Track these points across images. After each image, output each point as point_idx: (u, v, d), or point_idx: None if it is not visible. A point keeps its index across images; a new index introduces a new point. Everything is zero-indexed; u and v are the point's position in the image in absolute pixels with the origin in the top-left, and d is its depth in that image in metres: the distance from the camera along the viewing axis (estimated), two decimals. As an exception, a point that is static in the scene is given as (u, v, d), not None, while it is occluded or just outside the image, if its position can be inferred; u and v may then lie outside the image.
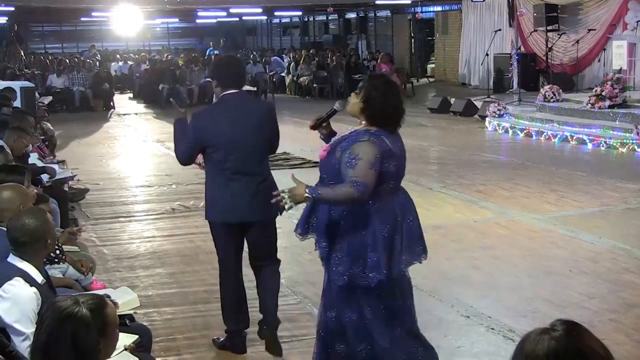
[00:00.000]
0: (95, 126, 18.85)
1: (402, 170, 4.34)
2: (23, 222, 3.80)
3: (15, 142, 7.35)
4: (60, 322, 2.59)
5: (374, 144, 4.16)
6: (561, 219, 8.67)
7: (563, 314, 5.65)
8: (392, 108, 4.30)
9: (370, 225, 4.16)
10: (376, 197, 4.16)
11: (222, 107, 5.20)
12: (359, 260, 4.15)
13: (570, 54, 19.32)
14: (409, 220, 4.29)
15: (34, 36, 38.10)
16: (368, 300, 4.27)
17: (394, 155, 4.22)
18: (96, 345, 2.61)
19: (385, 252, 4.15)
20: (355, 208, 4.17)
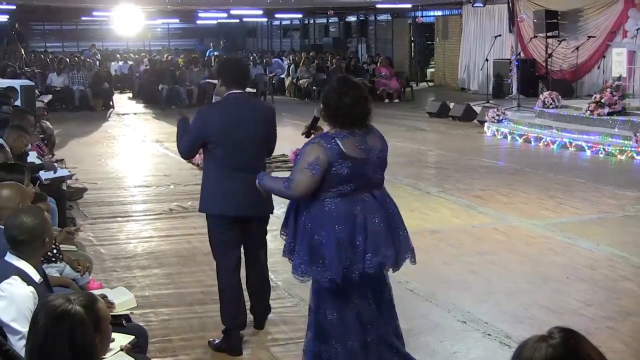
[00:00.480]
0: (94, 125, 18.85)
1: (365, 173, 4.29)
2: (21, 220, 3.80)
3: (15, 141, 7.35)
4: (56, 321, 2.59)
5: (321, 146, 4.20)
6: (559, 226, 8.67)
7: (560, 320, 5.65)
8: (348, 106, 4.26)
9: (326, 226, 4.22)
10: (334, 198, 4.24)
11: (226, 106, 5.34)
12: (318, 260, 4.22)
13: (569, 61, 19.33)
14: (375, 222, 4.29)
15: (35, 35, 38.09)
16: (336, 301, 4.34)
17: (349, 158, 4.21)
18: (92, 341, 2.61)
19: (339, 253, 4.18)
20: (315, 209, 4.25)
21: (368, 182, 4.34)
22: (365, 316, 4.40)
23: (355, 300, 4.38)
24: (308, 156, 4.21)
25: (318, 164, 4.17)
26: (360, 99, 4.32)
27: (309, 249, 4.25)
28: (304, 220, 4.30)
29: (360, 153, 4.27)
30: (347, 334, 4.37)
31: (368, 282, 4.36)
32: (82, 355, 2.59)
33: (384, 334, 4.47)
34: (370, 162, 4.32)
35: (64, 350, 2.56)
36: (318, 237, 4.23)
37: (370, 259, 4.23)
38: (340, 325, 4.37)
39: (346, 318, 4.37)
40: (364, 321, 4.40)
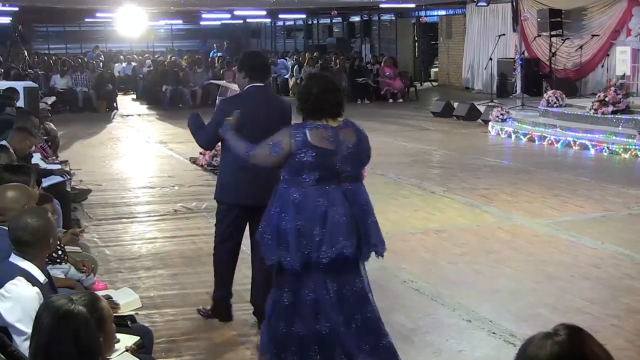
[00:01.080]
0: (98, 127, 18.87)
1: (331, 163, 4.47)
2: (26, 221, 3.80)
3: (19, 143, 7.36)
4: (60, 321, 2.59)
5: (289, 133, 4.51)
6: (564, 224, 8.66)
7: (565, 319, 5.64)
8: (315, 96, 4.53)
9: (289, 214, 4.45)
10: (298, 188, 4.47)
11: (248, 97, 5.60)
12: (283, 244, 4.47)
13: (573, 60, 19.30)
14: (336, 215, 4.44)
15: (38, 37, 38.12)
16: (293, 285, 4.55)
17: (314, 147, 4.44)
18: (97, 340, 2.62)
19: (299, 240, 4.41)
20: (283, 197, 4.50)
21: (335, 174, 4.50)
22: (321, 306, 4.52)
23: (312, 287, 4.53)
24: (275, 137, 4.54)
25: (279, 146, 4.48)
26: (327, 88, 4.59)
27: (275, 233, 4.48)
28: (273, 206, 4.54)
29: (328, 144, 4.48)
30: (296, 318, 4.54)
31: (333, 272, 4.50)
32: (86, 355, 2.59)
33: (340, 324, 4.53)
34: (337, 155, 4.50)
35: (69, 350, 2.56)
36: (283, 223, 4.46)
37: (325, 250, 4.41)
38: (292, 309, 4.55)
39: (299, 303, 4.54)
40: (319, 310, 4.52)
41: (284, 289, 4.59)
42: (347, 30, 34.43)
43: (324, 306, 4.51)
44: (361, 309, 4.61)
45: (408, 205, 9.78)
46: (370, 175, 11.78)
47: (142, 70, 27.14)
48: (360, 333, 4.57)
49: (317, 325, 4.52)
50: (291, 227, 4.43)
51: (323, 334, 4.51)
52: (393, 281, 6.87)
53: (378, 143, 15.31)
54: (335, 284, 4.54)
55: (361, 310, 4.60)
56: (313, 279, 4.51)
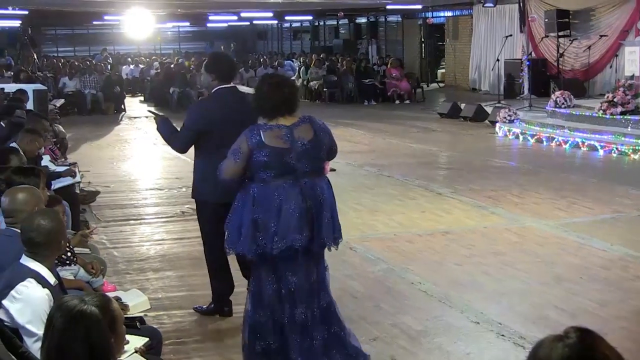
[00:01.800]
0: (106, 129, 18.92)
1: (284, 161, 4.69)
2: (39, 223, 3.82)
3: (28, 145, 7.39)
4: (72, 321, 2.60)
5: (245, 136, 4.74)
6: (572, 226, 8.64)
7: (574, 321, 5.63)
8: (266, 94, 4.79)
9: (248, 207, 4.72)
10: (257, 183, 4.73)
11: (219, 98, 5.85)
12: (240, 235, 4.73)
13: (581, 60, 19.26)
14: (290, 208, 4.67)
15: (47, 39, 38.28)
16: (259, 274, 4.82)
17: (267, 147, 4.68)
18: (108, 341, 2.63)
19: (255, 232, 4.67)
20: (242, 192, 4.78)
21: (290, 170, 4.72)
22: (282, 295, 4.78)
23: (273, 277, 4.78)
24: (235, 145, 4.78)
25: (239, 151, 4.72)
26: (278, 87, 4.80)
27: (237, 225, 4.76)
28: (236, 201, 4.83)
29: (282, 143, 4.71)
30: (262, 306, 4.82)
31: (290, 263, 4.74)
32: (98, 356, 2.60)
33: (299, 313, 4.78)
34: (292, 152, 4.71)
35: (81, 350, 2.57)
36: (243, 216, 4.74)
37: (276, 242, 4.65)
38: (258, 298, 4.83)
39: (263, 292, 4.81)
40: (280, 299, 4.79)
41: (252, 280, 4.95)
42: (353, 31, 34.44)
43: (284, 295, 4.78)
44: (319, 298, 4.87)
45: (415, 207, 9.77)
46: (378, 176, 11.86)
47: (150, 73, 27.20)
48: (317, 322, 4.84)
49: (281, 313, 4.80)
50: (248, 219, 4.70)
51: (285, 322, 4.79)
52: (400, 283, 6.86)
53: (385, 144, 15.39)
54: (294, 275, 4.77)
55: (319, 299, 4.87)
56: (272, 270, 4.78)
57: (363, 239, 8.30)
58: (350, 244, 8.05)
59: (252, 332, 4.87)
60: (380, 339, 5.60)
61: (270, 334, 4.82)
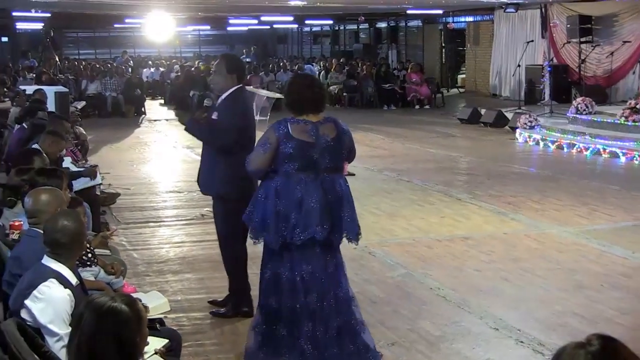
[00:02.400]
0: (126, 131, 19.01)
1: (309, 155, 4.91)
2: (63, 224, 3.85)
3: (50, 147, 7.44)
4: (103, 318, 2.61)
5: (273, 128, 4.97)
6: (593, 233, 8.59)
7: (594, 329, 5.59)
8: (297, 93, 5.04)
9: (271, 199, 4.93)
10: (280, 176, 4.95)
11: (248, 97, 6.24)
12: (266, 226, 4.95)
13: (604, 66, 19.15)
14: (312, 201, 4.88)
15: (68, 42, 38.54)
16: (274, 263, 5.00)
17: (294, 140, 4.90)
18: (136, 339, 2.64)
19: (278, 223, 4.89)
20: (266, 184, 5.00)
21: (313, 165, 4.94)
22: (296, 284, 4.94)
23: (289, 266, 4.96)
24: (262, 138, 5.00)
25: (268, 142, 4.93)
26: (308, 87, 5.07)
27: (261, 217, 4.96)
28: (259, 193, 5.04)
29: (307, 137, 4.93)
30: (276, 293, 4.98)
31: (307, 254, 4.94)
32: (127, 353, 2.61)
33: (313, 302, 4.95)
34: (316, 147, 4.93)
35: (110, 347, 2.59)
36: (267, 207, 4.95)
37: (298, 233, 4.86)
38: (272, 285, 5.00)
39: (279, 280, 4.97)
40: (295, 288, 4.95)
41: (267, 267, 5.05)
42: (374, 36, 34.41)
43: (298, 284, 4.95)
44: (335, 290, 5.01)
45: (434, 212, 9.75)
46: (397, 181, 11.85)
47: (170, 76, 27.30)
48: (332, 312, 4.98)
49: (294, 301, 4.95)
50: (271, 210, 4.91)
51: (297, 310, 4.94)
52: (419, 288, 6.85)
53: (404, 149, 15.37)
54: (309, 265, 4.95)
55: (335, 291, 5.01)
56: (290, 259, 4.96)
57: (382, 243, 8.30)
58: (369, 248, 8.05)
59: (263, 318, 5.05)
60: (399, 343, 5.59)
61: (281, 320, 4.98)
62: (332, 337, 4.98)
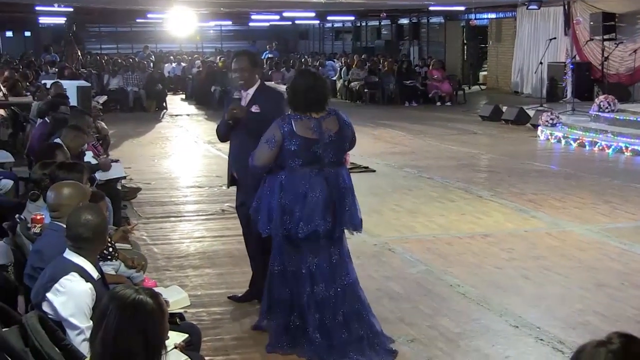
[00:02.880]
0: (147, 126, 19.10)
1: (313, 151, 5.08)
2: (86, 218, 3.87)
3: (72, 141, 7.48)
4: (128, 310, 2.62)
5: (277, 125, 5.12)
6: (614, 231, 8.53)
7: (615, 327, 5.55)
8: (302, 91, 5.16)
9: (276, 193, 5.11)
10: (285, 171, 5.11)
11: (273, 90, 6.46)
12: (271, 220, 5.13)
13: (627, 64, 18.98)
14: (316, 195, 5.06)
15: (91, 37, 38.75)
16: (281, 256, 5.21)
17: (298, 137, 5.06)
18: (161, 333, 2.65)
19: (283, 216, 5.07)
20: (271, 179, 5.16)
21: (317, 160, 5.11)
22: (303, 275, 5.15)
23: (294, 259, 5.17)
24: (267, 134, 5.13)
25: (274, 139, 5.08)
26: (313, 85, 5.21)
27: (267, 210, 5.16)
28: (265, 187, 5.22)
29: (310, 134, 5.08)
30: (284, 284, 5.21)
31: (312, 246, 5.13)
32: (151, 347, 2.62)
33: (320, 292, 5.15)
34: (320, 143, 5.10)
35: (136, 340, 2.60)
36: (272, 201, 5.13)
37: (302, 226, 5.04)
38: (282, 278, 5.22)
39: (287, 273, 5.20)
40: (301, 279, 5.16)
41: (275, 260, 5.26)
42: (395, 32, 34.32)
43: (306, 276, 5.14)
44: (340, 278, 5.21)
45: (455, 209, 9.72)
46: (418, 178, 11.82)
47: (192, 71, 27.39)
48: (339, 299, 5.17)
49: (301, 291, 5.16)
50: (276, 204, 5.09)
51: (304, 300, 5.14)
52: (439, 285, 6.84)
53: (425, 146, 15.33)
54: (316, 257, 5.14)
55: (340, 279, 5.21)
56: (297, 252, 5.16)
57: (402, 240, 8.29)
58: (390, 245, 8.05)
59: (271, 308, 5.30)
60: (418, 340, 5.58)
61: (289, 311, 5.20)
62: (340, 323, 5.15)
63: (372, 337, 5.25)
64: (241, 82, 6.03)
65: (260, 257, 6.04)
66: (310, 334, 5.14)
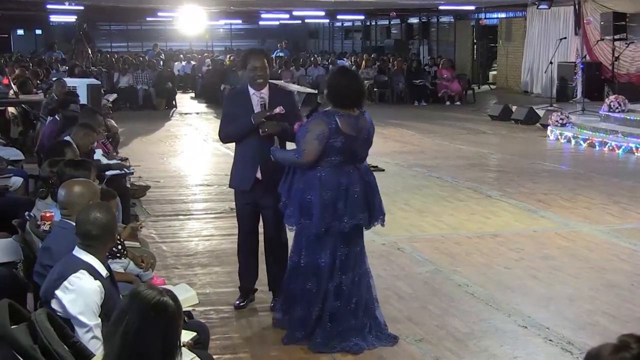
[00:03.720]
0: (157, 124, 19.13)
1: (353, 148, 5.25)
2: (95, 216, 3.88)
3: (82, 139, 7.50)
4: (152, 311, 2.61)
5: (323, 122, 5.18)
6: (624, 232, 8.49)
7: (625, 328, 5.54)
8: (347, 87, 5.27)
9: (315, 189, 5.21)
10: (323, 167, 5.22)
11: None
12: (306, 214, 5.25)
13: (637, 64, 18.90)
14: (356, 191, 5.26)
15: (101, 35, 38.84)
16: (309, 249, 5.33)
17: (342, 134, 5.17)
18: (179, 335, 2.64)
19: (324, 212, 5.19)
20: (308, 175, 5.24)
21: (354, 157, 5.31)
22: (333, 267, 5.30)
23: (328, 252, 5.29)
24: (315, 130, 5.17)
25: (323, 135, 5.15)
26: (356, 82, 5.42)
27: (299, 205, 5.28)
28: (298, 183, 5.31)
29: (352, 131, 5.22)
30: (314, 276, 5.32)
31: (345, 239, 5.32)
32: (169, 349, 2.61)
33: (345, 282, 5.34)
34: (358, 140, 5.27)
35: (157, 342, 2.58)
36: (308, 197, 5.24)
37: (347, 221, 5.24)
38: (309, 268, 5.33)
39: (314, 264, 5.31)
40: (330, 271, 5.30)
41: (302, 253, 5.36)
42: (405, 31, 34.28)
43: (337, 266, 5.30)
44: (359, 266, 5.41)
45: (464, 209, 9.70)
46: (427, 177, 11.80)
47: (202, 69, 27.41)
48: (355, 288, 5.36)
49: (329, 281, 5.31)
50: (317, 200, 5.19)
51: (330, 290, 5.30)
52: (448, 284, 6.83)
53: (434, 145, 15.30)
54: (345, 248, 5.33)
55: (359, 267, 5.41)
56: (330, 244, 5.28)
57: (411, 239, 8.28)
58: (398, 244, 8.04)
59: (290, 301, 5.45)
60: (426, 339, 5.57)
61: (309, 303, 5.33)
62: (352, 310, 5.34)
63: (375, 326, 5.43)
64: (260, 80, 5.92)
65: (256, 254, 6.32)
66: (325, 321, 5.31)
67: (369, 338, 5.38)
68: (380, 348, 5.38)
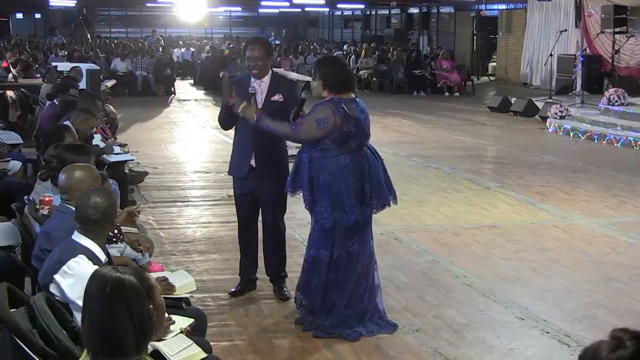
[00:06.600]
0: (155, 111, 19.10)
1: (365, 131, 5.31)
2: (95, 201, 3.86)
3: (81, 124, 7.47)
4: (108, 288, 2.61)
5: (330, 108, 5.17)
6: (622, 225, 8.50)
7: (622, 321, 5.55)
8: (341, 72, 5.38)
9: (343, 178, 5.18)
10: (346, 153, 5.21)
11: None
12: (338, 206, 5.19)
13: (637, 57, 18.87)
14: (378, 172, 5.32)
15: (100, 20, 38.72)
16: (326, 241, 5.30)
17: (353, 118, 5.20)
18: (149, 310, 2.63)
19: (356, 197, 5.19)
20: (331, 165, 5.19)
21: (366, 139, 5.36)
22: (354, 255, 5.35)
23: (355, 238, 5.31)
24: (318, 113, 5.17)
25: (326, 121, 5.14)
26: (345, 66, 5.67)
27: (328, 199, 5.19)
28: (322, 175, 5.22)
29: (358, 114, 5.27)
30: (342, 268, 5.33)
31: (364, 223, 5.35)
32: (140, 324, 2.60)
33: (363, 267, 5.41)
34: (366, 121, 5.35)
35: (124, 319, 2.58)
36: (337, 187, 5.18)
37: (375, 203, 5.30)
38: (341, 261, 5.32)
39: (346, 254, 5.31)
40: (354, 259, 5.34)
41: (333, 246, 5.32)
42: (405, 21, 34.21)
43: (359, 253, 5.34)
44: (369, 251, 5.45)
45: (462, 200, 9.70)
46: (425, 168, 11.80)
47: (201, 56, 27.35)
48: (364, 273, 5.41)
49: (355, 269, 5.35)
50: (347, 190, 5.18)
51: (351, 278, 5.34)
52: (445, 275, 6.83)
53: (433, 136, 15.30)
54: (362, 236, 5.36)
55: (368, 252, 5.45)
56: (358, 231, 5.30)
57: (409, 229, 8.28)
58: (396, 234, 8.04)
59: (318, 292, 5.39)
60: (423, 330, 5.58)
61: (342, 290, 5.34)
62: (359, 295, 5.39)
63: (375, 313, 5.48)
64: (255, 71, 5.87)
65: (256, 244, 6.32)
66: (340, 306, 5.36)
67: (369, 325, 5.41)
68: (377, 337, 5.39)
